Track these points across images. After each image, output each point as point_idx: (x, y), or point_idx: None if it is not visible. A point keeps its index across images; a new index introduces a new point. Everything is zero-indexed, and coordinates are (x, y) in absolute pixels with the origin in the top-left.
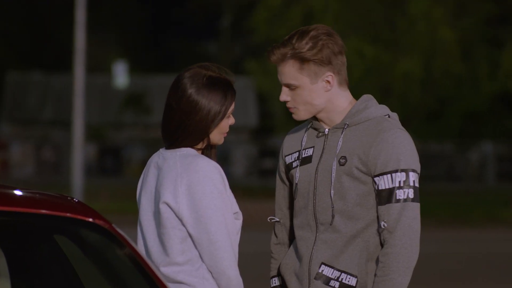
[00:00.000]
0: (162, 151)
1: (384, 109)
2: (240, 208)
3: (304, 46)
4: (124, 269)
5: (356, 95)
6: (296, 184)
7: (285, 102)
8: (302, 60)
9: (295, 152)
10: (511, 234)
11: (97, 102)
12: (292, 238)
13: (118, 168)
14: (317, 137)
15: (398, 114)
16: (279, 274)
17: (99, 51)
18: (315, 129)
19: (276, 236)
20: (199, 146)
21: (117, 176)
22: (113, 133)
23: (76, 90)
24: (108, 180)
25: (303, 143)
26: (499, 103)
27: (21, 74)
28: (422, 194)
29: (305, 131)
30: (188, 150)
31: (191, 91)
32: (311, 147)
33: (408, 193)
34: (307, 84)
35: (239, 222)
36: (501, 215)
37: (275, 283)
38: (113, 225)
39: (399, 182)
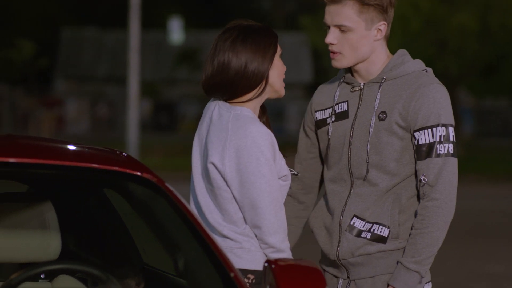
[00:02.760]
0: (220, 103)
1: (420, 64)
2: (291, 162)
3: None
4: (171, 223)
5: (413, 49)
6: (329, 139)
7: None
8: (363, 3)
9: (328, 108)
10: None
11: (152, 58)
12: (309, 192)
13: (172, 124)
14: (352, 91)
15: (454, 69)
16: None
17: (154, 6)
18: (348, 83)
19: (290, 187)
20: (255, 92)
21: (171, 132)
22: (167, 89)
23: (132, 46)
24: (162, 136)
25: (336, 98)
26: None
27: (75, 30)
28: (477, 150)
29: (338, 86)
30: (243, 111)
31: (234, 48)
32: (345, 102)
33: (448, 148)
34: (361, 29)
35: (286, 184)
36: None
37: None
38: (161, 179)
39: (440, 136)
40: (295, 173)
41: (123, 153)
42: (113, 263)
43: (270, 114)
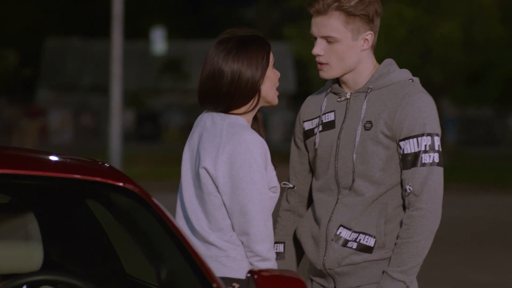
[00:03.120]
0: (214, 114)
1: (407, 74)
2: (278, 174)
3: (351, 0)
4: (154, 233)
5: (397, 58)
6: (316, 149)
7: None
8: (349, 14)
9: (315, 118)
10: None
11: (136, 68)
12: (307, 205)
13: (156, 134)
14: (338, 101)
15: (438, 79)
16: (285, 241)
17: (138, 17)
18: (335, 93)
19: (288, 202)
20: (248, 106)
21: (155, 142)
22: (151, 99)
23: (114, 56)
24: (146, 146)
25: (323, 108)
26: None
27: (59, 40)
28: (461, 159)
29: (325, 96)
30: (237, 119)
31: (227, 58)
32: (332, 112)
33: (433, 157)
34: (348, 40)
35: (275, 196)
36: None
37: (278, 249)
38: (143, 189)
39: (425, 146)
40: (291, 186)
41: (106, 164)
42: (95, 274)
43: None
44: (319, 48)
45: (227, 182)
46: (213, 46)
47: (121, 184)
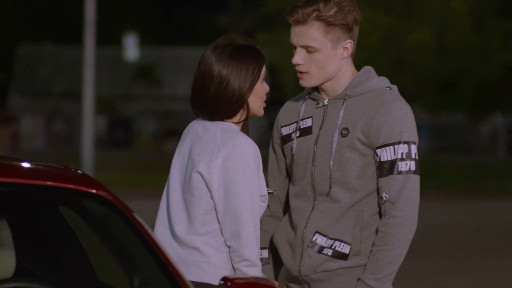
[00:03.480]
0: (203, 121)
1: (385, 81)
2: None
3: (330, 9)
4: (127, 240)
5: (369, 65)
6: (293, 154)
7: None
8: (329, 23)
9: (293, 123)
10: None
11: (108, 75)
12: (286, 209)
13: (128, 140)
14: (316, 107)
15: (411, 86)
16: (268, 247)
17: (110, 23)
18: (314, 99)
19: (269, 208)
20: (238, 118)
21: (128, 148)
22: (123, 105)
23: (87, 62)
24: (119, 152)
25: (301, 114)
26: (511, 75)
27: (32, 46)
28: (434, 166)
29: (303, 102)
30: (230, 125)
31: (218, 63)
32: (309, 118)
33: (410, 165)
34: (328, 49)
35: (264, 205)
36: (511, 187)
37: (263, 255)
38: (116, 196)
39: (402, 154)
40: (271, 191)
41: (79, 171)
42: (68, 281)
43: None
44: (298, 58)
45: (221, 185)
46: (209, 49)
47: (94, 191)
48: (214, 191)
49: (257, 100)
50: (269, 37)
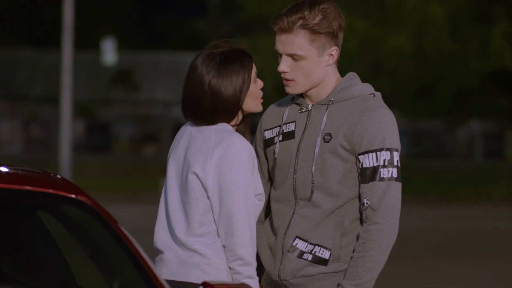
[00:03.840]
0: (197, 125)
1: (368, 88)
2: None
3: (315, 17)
4: (106, 245)
5: (348, 70)
6: (275, 158)
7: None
8: (314, 31)
9: (276, 127)
10: (498, 211)
11: (86, 79)
12: (267, 213)
13: (106, 145)
14: (300, 112)
15: (388, 91)
16: None
17: (88, 27)
18: (298, 104)
19: None
20: (234, 121)
21: (105, 153)
22: (101, 110)
23: (64, 66)
24: (96, 157)
25: (284, 118)
26: (488, 81)
27: (10, 50)
28: (411, 171)
29: (287, 106)
30: (224, 125)
31: (210, 74)
32: (293, 122)
33: (392, 172)
34: (314, 57)
35: (260, 204)
36: (489, 192)
37: None
38: (95, 201)
39: (384, 160)
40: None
41: (58, 175)
42: (46, 286)
43: None
44: (284, 65)
45: (215, 185)
46: (197, 60)
47: (73, 196)
48: (210, 191)
49: (252, 100)
50: (247, 42)
